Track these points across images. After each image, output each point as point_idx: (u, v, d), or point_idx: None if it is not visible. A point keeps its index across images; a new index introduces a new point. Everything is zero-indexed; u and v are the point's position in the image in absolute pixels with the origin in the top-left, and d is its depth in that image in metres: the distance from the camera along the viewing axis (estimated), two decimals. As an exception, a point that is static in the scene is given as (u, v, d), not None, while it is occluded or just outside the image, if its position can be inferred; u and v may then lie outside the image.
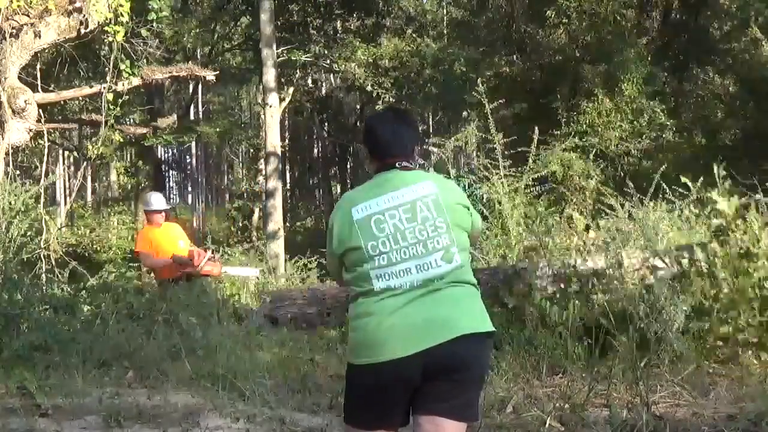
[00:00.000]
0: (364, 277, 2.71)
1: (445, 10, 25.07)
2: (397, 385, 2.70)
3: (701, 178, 9.38)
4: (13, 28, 9.46)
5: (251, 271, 9.51)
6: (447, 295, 2.70)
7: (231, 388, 5.15)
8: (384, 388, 2.71)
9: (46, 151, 11.45)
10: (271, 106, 17.38)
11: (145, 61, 11.89)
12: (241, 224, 28.66)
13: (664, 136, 16.20)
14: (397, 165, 2.81)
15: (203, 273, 7.85)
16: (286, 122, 29.24)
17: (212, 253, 8.36)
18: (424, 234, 2.71)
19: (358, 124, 28.10)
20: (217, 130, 27.57)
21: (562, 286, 6.45)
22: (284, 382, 5.41)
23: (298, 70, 22.51)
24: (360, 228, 2.73)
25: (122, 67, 10.39)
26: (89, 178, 32.04)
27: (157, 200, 8.22)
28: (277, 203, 17.49)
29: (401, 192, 2.76)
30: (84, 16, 9.81)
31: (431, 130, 29.06)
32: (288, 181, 30.95)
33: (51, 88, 12.45)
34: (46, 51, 11.42)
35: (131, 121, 22.73)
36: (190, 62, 16.96)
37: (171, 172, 40.57)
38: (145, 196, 8.82)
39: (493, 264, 7.77)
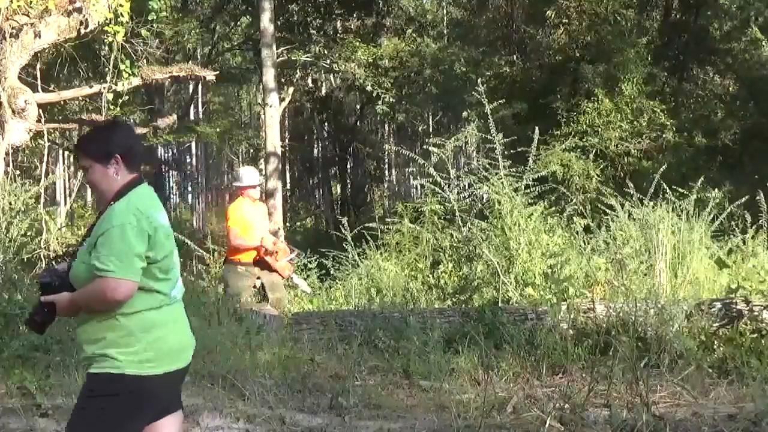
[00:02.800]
0: (171, 286, 2.81)
1: (445, 10, 25.06)
2: (177, 389, 2.93)
3: (701, 178, 9.41)
4: (13, 28, 9.45)
5: (307, 288, 9.13)
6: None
7: (231, 388, 5.14)
8: (169, 395, 2.86)
9: (46, 151, 11.43)
10: (271, 106, 17.36)
11: (145, 61, 11.86)
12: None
13: (664, 136, 16.18)
14: (143, 179, 2.92)
15: (276, 268, 7.72)
16: (286, 122, 29.20)
17: (296, 255, 8.29)
18: (176, 250, 2.89)
19: (358, 124, 28.07)
20: (217, 130, 27.57)
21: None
22: (284, 382, 5.41)
23: (298, 70, 22.49)
24: (168, 236, 2.82)
25: (122, 67, 10.36)
26: (89, 178, 31.96)
27: (248, 175, 7.84)
28: (277, 203, 17.48)
29: (162, 209, 2.90)
30: (84, 16, 9.79)
31: (431, 130, 29.03)
32: (288, 181, 30.91)
33: (51, 88, 12.44)
34: (46, 51, 11.38)
35: (131, 121, 22.71)
36: (190, 62, 16.97)
37: (171, 172, 40.47)
38: (236, 171, 8.51)
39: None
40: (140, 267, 2.69)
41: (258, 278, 7.68)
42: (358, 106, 27.49)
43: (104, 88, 10.54)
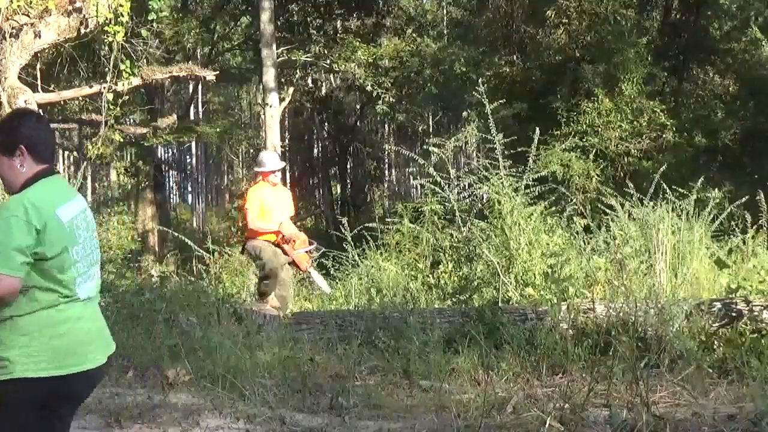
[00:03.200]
0: (70, 283, 2.68)
1: (445, 10, 25.05)
2: (89, 392, 2.84)
3: (701, 178, 9.41)
4: (13, 28, 9.45)
5: (326, 288, 8.87)
6: (98, 308, 2.87)
7: (231, 388, 5.14)
8: (81, 397, 2.80)
9: (46, 151, 11.41)
10: (271, 106, 17.38)
11: (145, 61, 11.87)
12: (241, 224, 28.50)
13: (664, 136, 16.19)
14: (55, 170, 2.83)
15: (293, 258, 7.71)
16: (286, 122, 29.20)
17: (315, 249, 8.27)
18: (92, 245, 2.81)
19: (358, 124, 28.07)
20: (217, 130, 27.57)
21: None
22: (284, 382, 5.41)
23: (298, 70, 22.50)
24: (69, 232, 2.70)
25: (122, 67, 10.37)
26: (89, 178, 32.04)
27: (270, 160, 7.91)
28: (277, 203, 17.48)
29: (76, 201, 2.80)
30: (84, 16, 9.79)
31: (431, 130, 29.03)
32: (288, 181, 30.93)
33: (51, 88, 12.44)
34: (46, 51, 11.39)
35: (131, 121, 22.72)
36: (190, 62, 16.95)
37: (171, 172, 40.48)
38: (259, 156, 8.44)
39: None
40: (22, 261, 2.55)
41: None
42: (358, 106, 27.49)
43: (104, 88, 10.55)
